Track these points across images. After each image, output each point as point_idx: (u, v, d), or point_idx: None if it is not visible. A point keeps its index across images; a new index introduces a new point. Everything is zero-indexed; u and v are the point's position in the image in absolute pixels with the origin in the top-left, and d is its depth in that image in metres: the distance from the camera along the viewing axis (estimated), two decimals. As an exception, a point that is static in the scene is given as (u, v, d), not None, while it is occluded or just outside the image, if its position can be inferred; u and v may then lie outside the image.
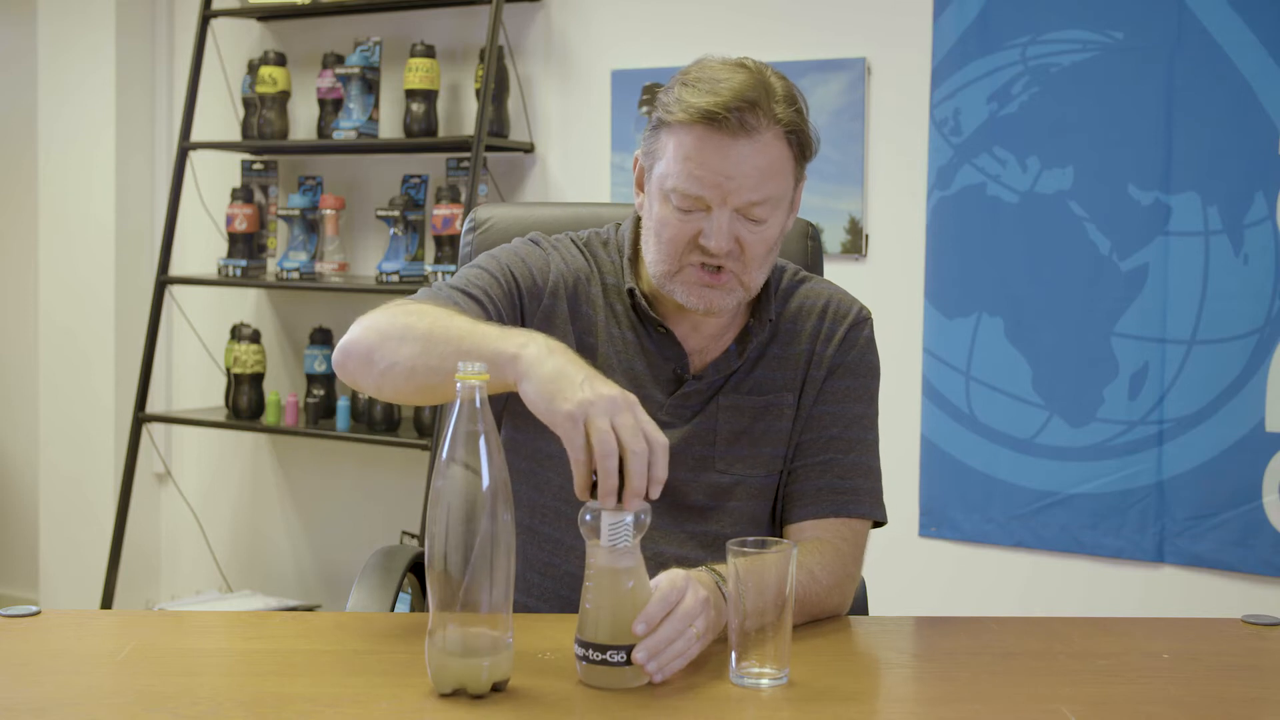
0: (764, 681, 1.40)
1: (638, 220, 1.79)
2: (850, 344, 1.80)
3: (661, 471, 1.38)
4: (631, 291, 1.76)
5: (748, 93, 1.61)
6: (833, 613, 1.69)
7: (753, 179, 1.63)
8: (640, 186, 1.75)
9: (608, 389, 1.41)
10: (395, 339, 1.55)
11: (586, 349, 1.76)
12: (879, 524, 1.80)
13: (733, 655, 1.41)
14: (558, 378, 1.43)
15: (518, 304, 1.73)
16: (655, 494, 1.39)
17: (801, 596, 1.60)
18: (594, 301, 1.78)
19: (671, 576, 1.43)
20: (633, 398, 1.42)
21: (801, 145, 1.68)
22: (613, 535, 1.38)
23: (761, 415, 1.77)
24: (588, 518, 1.40)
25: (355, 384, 1.62)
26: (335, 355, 1.62)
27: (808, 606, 1.63)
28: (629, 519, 1.38)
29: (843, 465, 1.76)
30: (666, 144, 1.66)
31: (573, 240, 1.83)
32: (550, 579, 1.77)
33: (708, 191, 1.63)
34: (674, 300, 1.72)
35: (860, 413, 1.79)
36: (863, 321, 1.82)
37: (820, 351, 1.79)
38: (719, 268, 1.67)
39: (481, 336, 1.50)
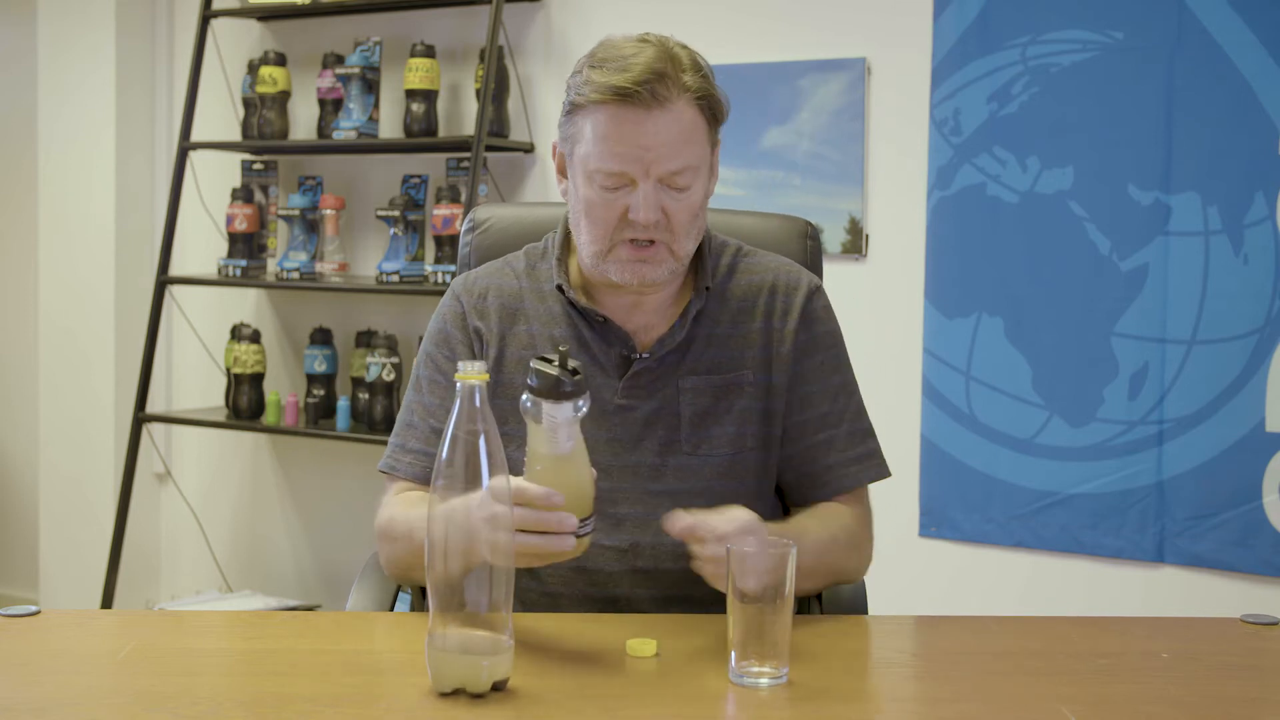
0: (763, 681, 1.40)
1: (566, 221, 1.83)
2: (811, 317, 1.83)
3: (535, 518, 1.42)
4: (560, 287, 1.79)
5: (655, 65, 1.68)
6: (852, 576, 1.77)
7: (671, 147, 1.68)
8: (562, 173, 1.78)
9: (472, 516, 1.38)
10: (406, 568, 1.72)
11: (528, 363, 1.79)
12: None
13: (732, 654, 1.41)
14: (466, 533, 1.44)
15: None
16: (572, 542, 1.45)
17: (827, 561, 1.69)
18: (528, 314, 1.82)
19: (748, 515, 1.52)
20: (491, 487, 1.39)
21: (713, 110, 1.73)
22: (554, 427, 1.45)
23: (723, 394, 1.79)
24: (528, 405, 1.46)
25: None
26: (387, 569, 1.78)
27: (833, 570, 1.72)
28: (568, 412, 1.45)
29: (840, 438, 1.81)
30: (583, 126, 1.70)
31: (506, 261, 1.88)
32: (570, 583, 1.78)
33: (630, 166, 1.68)
34: (607, 284, 1.76)
35: (840, 382, 1.84)
36: (815, 291, 1.86)
37: (779, 327, 1.82)
38: (650, 241, 1.70)
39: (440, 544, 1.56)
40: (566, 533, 1.44)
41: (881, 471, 1.84)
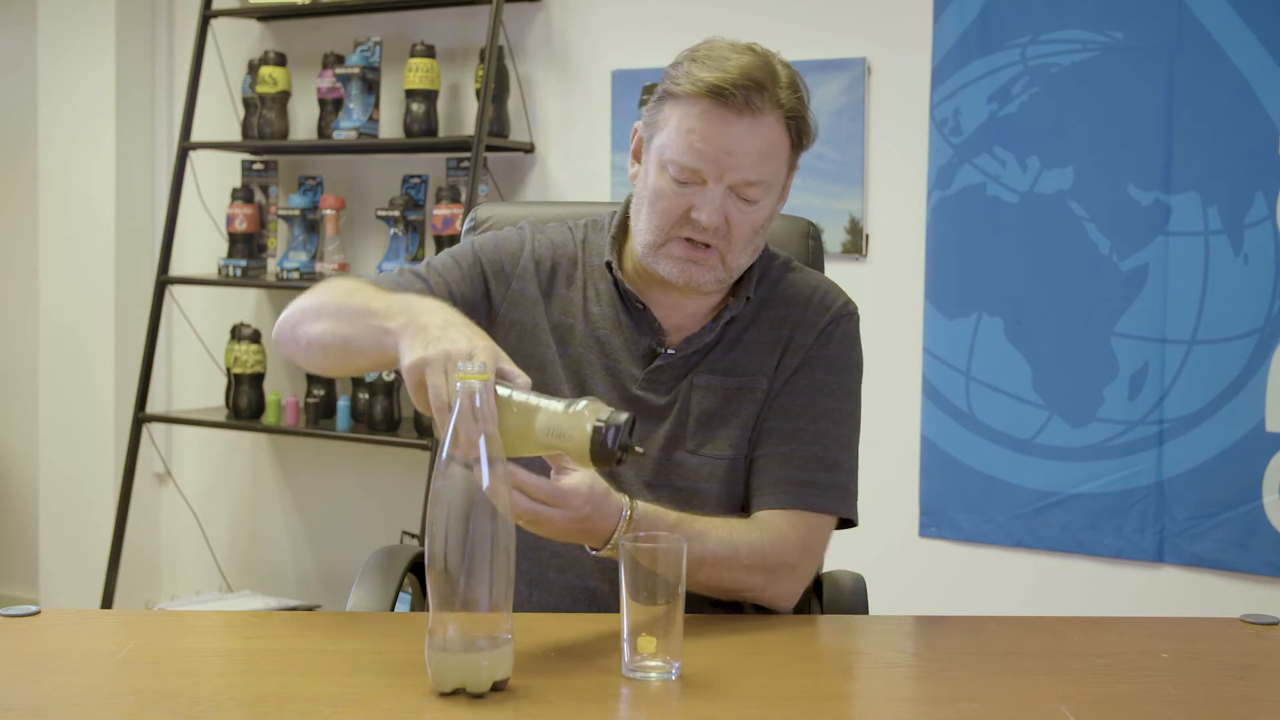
0: (653, 675, 1.39)
1: (628, 203, 1.82)
2: (828, 337, 1.80)
3: (488, 410, 1.32)
4: (610, 265, 1.79)
5: (755, 73, 1.66)
6: (754, 596, 1.69)
7: (751, 158, 1.67)
8: (637, 157, 1.78)
9: (456, 344, 1.39)
10: (313, 315, 1.64)
11: (564, 329, 1.80)
12: (848, 522, 1.77)
13: (625, 648, 1.40)
14: (415, 334, 1.44)
15: (482, 287, 1.79)
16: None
17: (711, 567, 1.62)
18: (575, 283, 1.82)
19: (592, 487, 1.49)
20: (485, 347, 1.40)
21: (800, 133, 1.71)
22: (537, 435, 1.41)
23: (734, 397, 1.78)
24: (558, 420, 1.41)
25: (288, 358, 1.70)
26: (274, 331, 1.70)
27: (716, 579, 1.64)
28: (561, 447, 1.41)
29: (803, 457, 1.74)
30: (670, 116, 1.69)
31: (569, 227, 1.87)
32: (559, 571, 1.77)
33: (706, 165, 1.67)
34: (656, 277, 1.75)
35: (830, 407, 1.77)
36: (846, 316, 1.82)
37: (800, 340, 1.79)
38: (706, 245, 1.70)
39: (379, 314, 1.52)
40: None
41: (842, 508, 1.73)
